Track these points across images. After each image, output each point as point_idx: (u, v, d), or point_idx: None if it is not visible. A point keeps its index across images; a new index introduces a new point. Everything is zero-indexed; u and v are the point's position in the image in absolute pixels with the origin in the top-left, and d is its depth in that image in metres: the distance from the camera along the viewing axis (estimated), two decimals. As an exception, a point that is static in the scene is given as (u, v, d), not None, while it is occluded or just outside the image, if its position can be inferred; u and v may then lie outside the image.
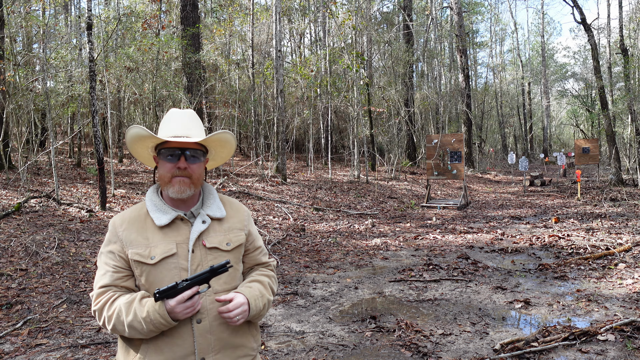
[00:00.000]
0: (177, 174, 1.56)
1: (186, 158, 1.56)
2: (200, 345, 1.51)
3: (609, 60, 24.12)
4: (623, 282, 5.37)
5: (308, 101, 18.28)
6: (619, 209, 11.30)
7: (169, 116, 1.64)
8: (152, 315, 1.42)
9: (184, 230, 1.57)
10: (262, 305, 1.60)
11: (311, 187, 13.38)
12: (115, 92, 14.05)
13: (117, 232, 1.57)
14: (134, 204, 9.54)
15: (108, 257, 1.56)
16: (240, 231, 1.68)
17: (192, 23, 14.71)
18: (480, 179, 21.71)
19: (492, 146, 34.82)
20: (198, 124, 1.64)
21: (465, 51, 25.37)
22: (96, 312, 1.52)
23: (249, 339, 1.64)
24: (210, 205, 1.64)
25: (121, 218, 1.61)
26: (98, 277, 1.56)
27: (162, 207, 1.59)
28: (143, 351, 1.51)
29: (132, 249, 1.53)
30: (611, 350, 3.59)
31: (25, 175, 9.22)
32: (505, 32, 43.69)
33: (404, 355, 3.64)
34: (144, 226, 1.57)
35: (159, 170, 1.61)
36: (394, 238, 8.45)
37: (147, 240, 1.54)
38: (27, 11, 13.81)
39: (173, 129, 1.58)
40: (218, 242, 1.60)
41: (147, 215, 1.59)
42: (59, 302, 4.65)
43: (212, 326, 1.53)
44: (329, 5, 16.39)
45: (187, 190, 1.57)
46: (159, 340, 1.50)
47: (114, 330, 1.49)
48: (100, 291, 1.53)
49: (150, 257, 1.52)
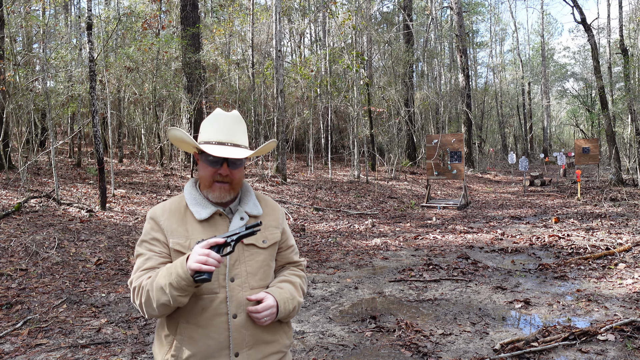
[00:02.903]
0: (218, 180, 1.57)
1: (228, 164, 1.57)
2: (235, 340, 1.53)
3: (609, 60, 24.13)
4: (623, 282, 5.37)
5: (308, 101, 18.28)
6: (619, 209, 11.30)
7: (213, 118, 1.62)
8: (174, 266, 1.42)
9: (222, 226, 1.59)
10: (291, 308, 1.62)
11: (311, 187, 13.38)
12: (115, 92, 14.05)
13: (158, 222, 1.58)
14: (134, 204, 9.50)
15: (152, 243, 1.57)
16: (275, 229, 1.70)
17: (192, 23, 14.71)
18: (480, 179, 21.71)
19: (492, 146, 34.82)
20: (242, 128, 1.64)
21: (465, 51, 25.37)
22: (135, 288, 1.50)
23: (281, 336, 1.66)
24: (247, 202, 1.66)
25: (162, 208, 1.62)
26: (140, 262, 1.55)
27: (201, 202, 1.60)
28: (178, 343, 1.52)
29: (173, 239, 1.55)
30: (611, 350, 3.58)
31: (25, 175, 9.22)
32: (506, 32, 43.72)
33: (404, 355, 3.64)
34: (183, 218, 1.59)
35: (199, 171, 1.63)
36: (394, 238, 8.45)
37: (187, 232, 1.56)
38: (27, 11, 13.81)
39: (217, 134, 1.58)
40: (255, 239, 1.61)
41: (186, 208, 1.61)
42: (59, 302, 4.65)
43: (247, 322, 1.55)
44: (329, 5, 16.39)
45: (227, 195, 1.60)
46: (194, 332, 1.52)
47: (147, 304, 1.47)
48: (143, 272, 1.53)
49: (189, 248, 1.53)
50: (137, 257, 1.58)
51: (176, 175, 12.80)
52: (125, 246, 6.75)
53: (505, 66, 42.15)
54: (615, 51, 24.52)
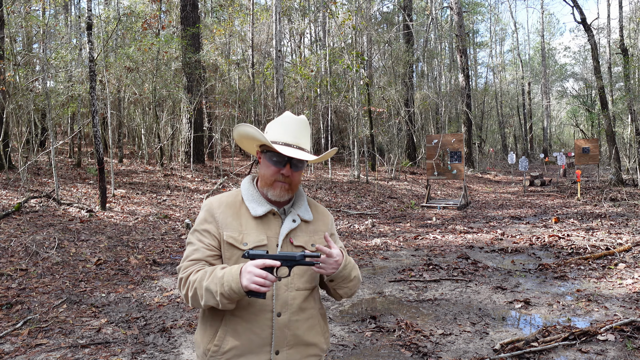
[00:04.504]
0: (280, 180, 1.61)
1: (291, 165, 1.61)
2: (277, 338, 1.55)
3: (609, 60, 24.11)
4: (623, 282, 5.37)
5: (308, 101, 18.28)
6: (619, 209, 11.30)
7: (282, 120, 1.66)
8: (226, 276, 1.43)
9: (275, 225, 1.63)
10: (352, 276, 1.63)
11: (311, 187, 13.38)
12: (115, 92, 14.05)
13: (214, 213, 1.62)
14: (134, 204, 9.49)
15: (203, 234, 1.60)
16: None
17: (192, 23, 14.71)
18: (480, 179, 21.71)
19: (492, 146, 34.82)
20: (308, 132, 1.68)
21: (465, 51, 25.37)
22: (182, 280, 1.55)
23: (320, 339, 1.67)
24: (300, 206, 1.69)
25: (219, 201, 1.65)
26: (189, 251, 1.60)
27: (257, 199, 1.64)
28: (221, 334, 1.55)
29: (227, 232, 1.58)
30: (611, 350, 3.58)
31: (25, 175, 9.22)
32: (506, 32, 43.74)
33: (404, 355, 3.64)
34: (238, 212, 1.62)
35: (261, 169, 1.67)
36: (394, 238, 8.45)
37: (240, 227, 1.60)
38: (27, 11, 13.81)
39: (285, 135, 1.62)
40: (304, 242, 1.64)
41: (242, 203, 1.65)
42: (59, 302, 4.65)
43: (290, 321, 1.57)
44: (329, 5, 16.39)
45: (286, 195, 1.63)
46: (239, 326, 1.54)
47: (194, 299, 1.51)
48: (191, 263, 1.57)
49: (242, 242, 1.57)
50: (188, 245, 1.63)
51: (176, 175, 12.80)
52: (125, 246, 6.75)
53: (505, 66, 42.16)
54: (615, 51, 24.51)
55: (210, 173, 13.73)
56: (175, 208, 9.58)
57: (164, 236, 7.55)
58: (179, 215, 9.08)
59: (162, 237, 7.50)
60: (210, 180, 12.69)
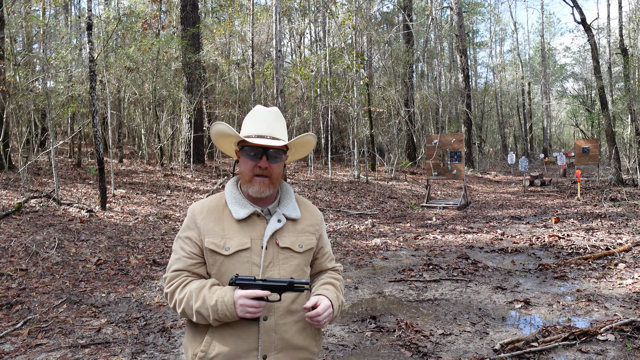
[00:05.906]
0: (258, 173, 1.58)
1: (268, 157, 1.58)
2: (264, 342, 1.54)
3: (609, 60, 24.12)
4: (623, 282, 5.37)
5: (308, 101, 18.28)
6: (618, 209, 11.30)
7: (254, 113, 1.65)
8: (219, 305, 1.45)
9: (259, 227, 1.60)
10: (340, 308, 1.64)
11: (311, 187, 13.38)
12: (115, 92, 14.05)
13: (195, 219, 1.60)
14: (134, 204, 9.49)
15: (185, 242, 1.59)
16: (312, 235, 1.70)
17: (192, 23, 14.72)
18: (480, 179, 21.71)
19: (492, 146, 34.82)
20: (282, 123, 1.66)
21: (465, 51, 25.37)
22: (168, 295, 1.56)
23: (311, 342, 1.65)
24: (286, 205, 1.66)
25: (201, 206, 1.64)
26: (172, 260, 1.60)
27: (241, 201, 1.62)
28: (208, 340, 1.54)
29: (209, 238, 1.56)
30: (611, 350, 3.59)
31: (25, 175, 9.22)
32: (505, 32, 43.73)
33: (404, 355, 3.64)
34: (221, 217, 1.60)
35: (240, 167, 1.65)
36: (394, 238, 8.45)
37: (223, 231, 1.57)
38: (27, 11, 13.82)
39: (257, 128, 1.60)
40: (291, 242, 1.62)
41: (225, 206, 1.62)
42: (59, 302, 4.65)
43: (277, 325, 1.56)
44: (329, 6, 16.39)
45: (267, 190, 1.59)
46: (225, 332, 1.53)
47: (183, 314, 1.53)
48: (173, 274, 1.57)
49: (225, 248, 1.55)
50: (172, 253, 1.63)
51: (176, 175, 12.80)
52: (125, 246, 6.75)
53: (505, 66, 42.16)
54: (615, 51, 24.51)
55: (210, 173, 13.74)
56: (175, 208, 9.59)
57: (164, 236, 7.55)
58: (179, 215, 9.08)
59: (162, 237, 7.50)
60: (210, 180, 12.69)
